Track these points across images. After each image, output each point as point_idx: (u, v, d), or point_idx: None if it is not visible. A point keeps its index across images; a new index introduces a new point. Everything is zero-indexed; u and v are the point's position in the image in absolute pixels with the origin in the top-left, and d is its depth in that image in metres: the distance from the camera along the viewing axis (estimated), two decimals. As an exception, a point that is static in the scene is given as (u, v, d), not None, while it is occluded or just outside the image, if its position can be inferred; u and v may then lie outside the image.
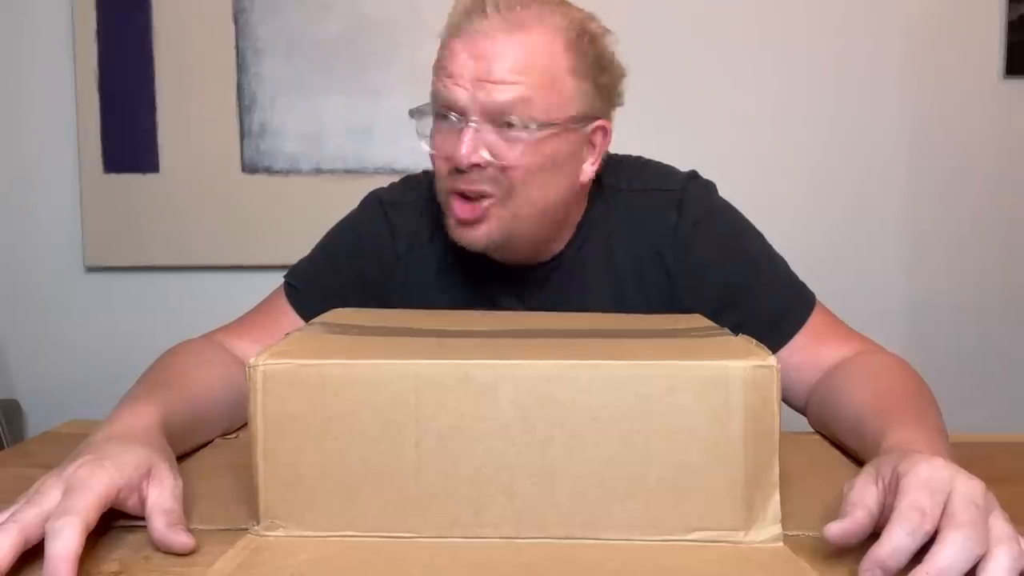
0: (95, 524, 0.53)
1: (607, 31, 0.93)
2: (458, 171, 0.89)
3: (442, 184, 0.92)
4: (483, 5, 0.87)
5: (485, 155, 0.88)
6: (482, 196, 0.90)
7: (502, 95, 0.86)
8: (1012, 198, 1.86)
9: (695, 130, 1.83)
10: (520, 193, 0.89)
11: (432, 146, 0.92)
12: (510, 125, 0.87)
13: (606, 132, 0.94)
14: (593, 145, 0.94)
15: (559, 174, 0.92)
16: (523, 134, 0.87)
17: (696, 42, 1.83)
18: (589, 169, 0.95)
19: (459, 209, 0.91)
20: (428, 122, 0.92)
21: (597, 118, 0.93)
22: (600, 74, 0.92)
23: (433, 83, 0.91)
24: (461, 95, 0.87)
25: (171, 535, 0.55)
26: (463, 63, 0.87)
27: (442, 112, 0.90)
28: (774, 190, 1.82)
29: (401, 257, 1.00)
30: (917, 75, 1.84)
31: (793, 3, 1.83)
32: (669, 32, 1.82)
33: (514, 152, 0.88)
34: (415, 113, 0.93)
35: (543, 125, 0.88)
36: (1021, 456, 0.84)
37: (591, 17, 0.92)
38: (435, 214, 1.00)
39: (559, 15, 0.89)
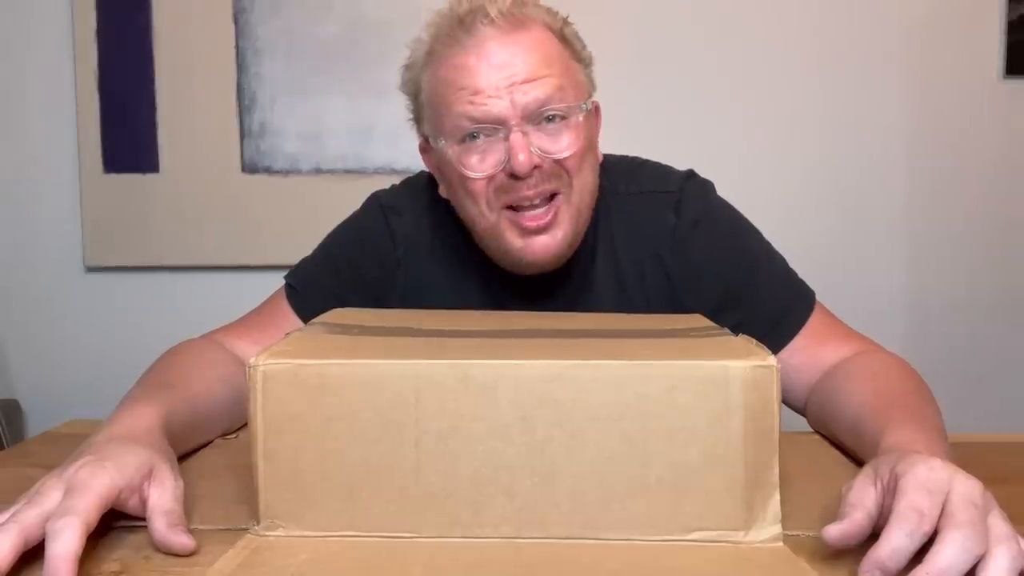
0: (96, 525, 0.53)
1: (571, 24, 0.96)
2: (513, 181, 0.87)
3: (491, 203, 0.89)
4: (483, 13, 0.86)
5: (539, 154, 0.87)
6: (551, 196, 0.89)
7: (540, 91, 0.86)
8: (1011, 198, 1.86)
9: (693, 129, 1.83)
10: (577, 182, 0.90)
11: (471, 169, 0.88)
12: (549, 119, 0.88)
13: (599, 111, 0.97)
14: (597, 125, 0.97)
15: (593, 155, 0.94)
16: (568, 122, 0.88)
17: (695, 42, 1.83)
18: (599, 149, 0.97)
19: (528, 219, 0.89)
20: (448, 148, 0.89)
21: (591, 97, 0.95)
22: (586, 57, 0.95)
23: (447, 108, 0.88)
24: (497, 105, 0.86)
25: (172, 536, 0.55)
26: (486, 74, 0.86)
27: (475, 131, 0.88)
28: (773, 189, 1.82)
29: (401, 262, 1.00)
30: (917, 75, 1.84)
31: (793, 3, 1.83)
32: (668, 32, 1.82)
33: (561, 143, 0.88)
34: (473, 136, 0.88)
35: (578, 109, 0.89)
36: (1019, 456, 0.84)
37: (552, 10, 0.94)
38: (436, 222, 1.00)
39: (541, 11, 0.91)
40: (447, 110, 0.88)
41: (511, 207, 0.89)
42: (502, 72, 0.86)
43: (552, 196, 0.89)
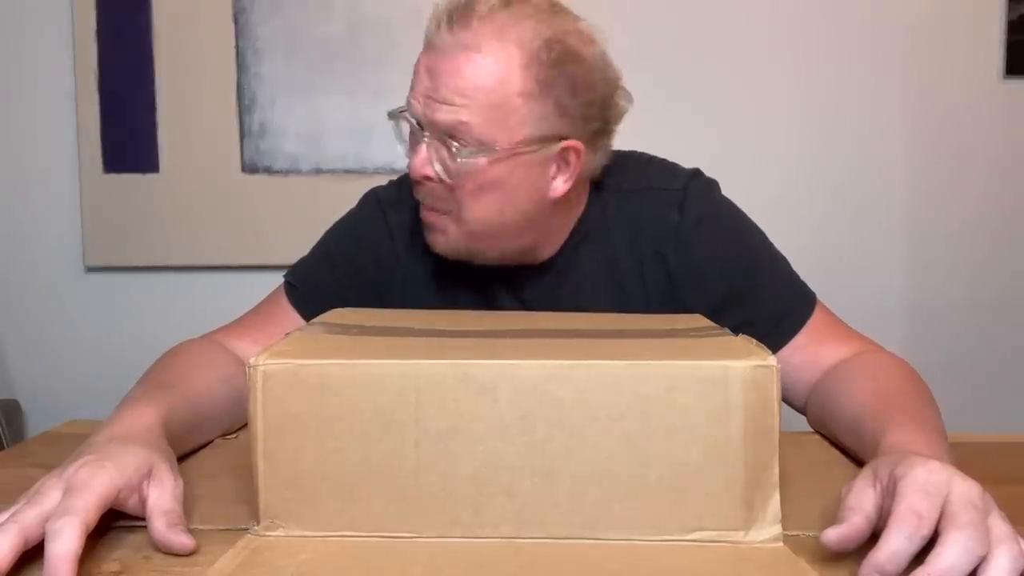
0: (95, 524, 0.53)
1: (592, 43, 0.88)
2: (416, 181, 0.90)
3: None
4: (446, 18, 0.85)
5: (437, 168, 0.87)
6: (435, 209, 0.91)
7: (443, 115, 0.85)
8: (1012, 198, 1.86)
9: (694, 129, 1.83)
10: (469, 211, 0.88)
11: (406, 152, 0.92)
12: (452, 148, 0.86)
13: (579, 153, 0.88)
14: (567, 163, 0.88)
15: (514, 195, 0.88)
16: (463, 158, 0.85)
17: (696, 42, 1.83)
18: (561, 186, 0.89)
19: (423, 212, 0.92)
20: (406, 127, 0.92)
21: (563, 138, 0.87)
22: (566, 94, 0.85)
23: None
24: (416, 108, 0.87)
25: (171, 536, 0.55)
26: (421, 77, 0.87)
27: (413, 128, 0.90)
28: (773, 189, 1.82)
29: (400, 256, 1.00)
30: (917, 75, 1.84)
31: (793, 3, 1.83)
32: (671, 33, 1.82)
33: (458, 173, 0.87)
34: (393, 115, 0.92)
35: (483, 150, 0.84)
36: (1020, 456, 0.84)
37: (574, 31, 0.87)
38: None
39: (529, 27, 0.84)
40: None
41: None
42: (429, 83, 0.86)
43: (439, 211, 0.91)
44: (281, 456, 0.56)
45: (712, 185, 1.00)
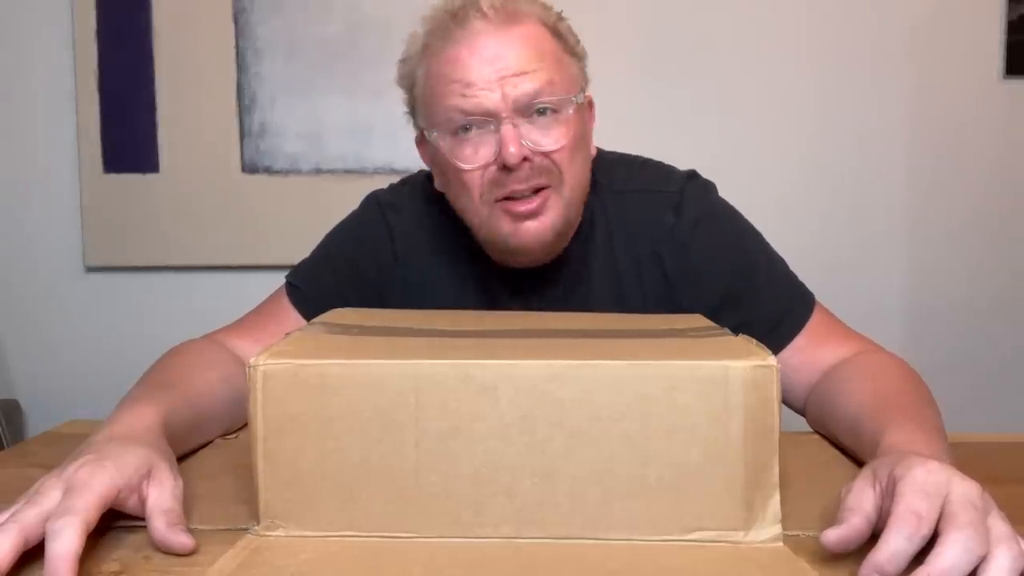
0: (95, 524, 0.53)
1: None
2: (504, 174, 0.87)
3: (484, 196, 0.90)
4: (475, 7, 0.87)
5: (530, 146, 0.88)
6: (538, 189, 0.89)
7: (531, 84, 0.87)
8: (1011, 198, 1.86)
9: (694, 129, 1.83)
10: (567, 175, 0.90)
11: (463, 161, 0.89)
12: (541, 112, 0.88)
13: (592, 105, 0.97)
14: (592, 117, 0.97)
15: (586, 149, 0.95)
16: (559, 116, 0.89)
17: (696, 42, 1.83)
18: (593, 143, 0.97)
19: (517, 205, 0.89)
20: (443, 140, 0.90)
21: (585, 91, 0.95)
22: (579, 51, 0.95)
23: (440, 101, 0.89)
24: (488, 98, 0.86)
25: (171, 535, 0.55)
26: (477, 68, 0.87)
27: (467, 124, 0.88)
28: (774, 189, 1.82)
29: (400, 258, 1.00)
30: (917, 75, 1.84)
31: (794, 3, 1.83)
32: (671, 33, 1.82)
33: (551, 136, 0.88)
34: (467, 128, 0.88)
35: (569, 102, 0.89)
36: (1020, 456, 0.84)
37: (546, 5, 0.94)
38: (434, 218, 1.00)
39: (534, 5, 0.91)
40: (440, 103, 0.89)
41: (502, 199, 0.90)
42: (493, 65, 0.86)
43: (542, 188, 0.90)
44: (281, 456, 0.56)
45: (708, 187, 1.00)
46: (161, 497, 0.58)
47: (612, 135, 1.03)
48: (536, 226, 0.90)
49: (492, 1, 0.88)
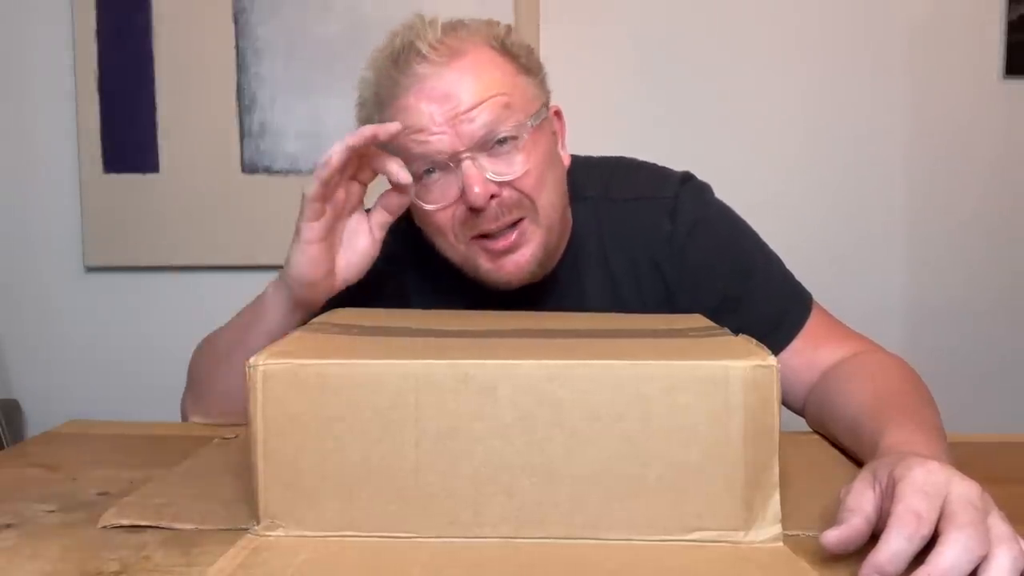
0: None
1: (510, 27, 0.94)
2: (474, 214, 0.86)
3: (458, 235, 0.89)
4: (414, 49, 0.86)
5: (495, 180, 0.86)
6: (514, 224, 0.88)
7: (486, 115, 0.85)
8: (1012, 198, 1.86)
9: (694, 129, 1.83)
10: (540, 201, 0.88)
11: (431, 203, 0.88)
12: (501, 142, 0.86)
13: (560, 114, 0.96)
14: (556, 131, 0.96)
15: (555, 167, 0.92)
16: (518, 142, 0.86)
17: (696, 43, 1.83)
18: (564, 155, 0.96)
19: (494, 243, 0.88)
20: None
21: (547, 105, 0.94)
22: (533, 65, 0.93)
23: (399, 151, 0.86)
24: (443, 141, 0.85)
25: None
26: (428, 111, 0.85)
27: (428, 168, 0.87)
28: (774, 189, 1.82)
29: (386, 275, 0.98)
30: (917, 75, 1.84)
31: (793, 3, 1.83)
32: (671, 34, 1.82)
33: (515, 165, 0.87)
34: (423, 176, 0.88)
35: (526, 126, 0.87)
36: (1020, 456, 0.84)
37: (492, 23, 0.92)
38: (419, 238, 0.97)
39: (478, 26, 0.89)
40: (399, 152, 0.87)
41: (479, 236, 0.89)
42: (443, 105, 0.85)
43: (517, 222, 0.88)
44: (281, 456, 0.56)
45: (704, 189, 1.00)
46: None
47: (611, 135, 1.03)
48: (517, 259, 0.89)
49: (430, 40, 0.86)
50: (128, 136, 1.83)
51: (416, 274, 0.99)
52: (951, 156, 1.85)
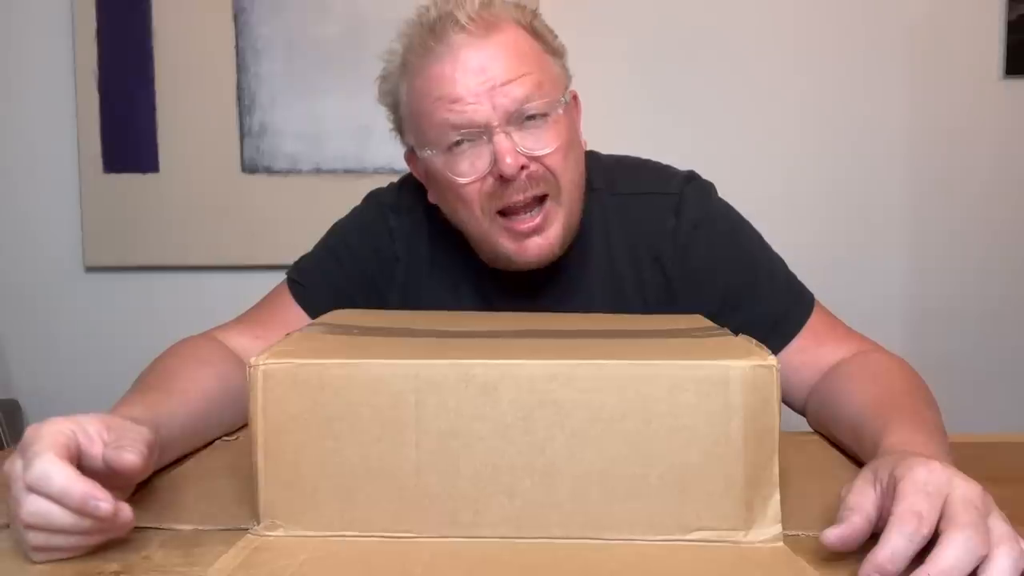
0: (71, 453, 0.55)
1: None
2: (502, 186, 0.87)
3: (484, 208, 0.89)
4: (452, 19, 0.86)
5: (525, 153, 0.87)
6: (539, 200, 0.89)
7: (519, 90, 0.86)
8: (1012, 198, 1.86)
9: (695, 129, 1.83)
10: (563, 179, 0.90)
11: (460, 175, 0.88)
12: (531, 118, 0.87)
13: (577, 99, 0.97)
14: (578, 113, 0.97)
15: (577, 147, 0.94)
16: (549, 119, 0.88)
17: (697, 42, 1.83)
18: (583, 137, 0.97)
19: (520, 224, 0.89)
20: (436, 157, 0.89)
21: (568, 87, 0.95)
22: (559, 48, 0.94)
23: (429, 119, 0.88)
24: (478, 111, 0.86)
25: (113, 454, 0.55)
26: (463, 81, 0.86)
27: (459, 139, 0.88)
28: (774, 189, 1.82)
29: (399, 258, 1.00)
30: (917, 75, 1.84)
31: (793, 3, 1.83)
32: (671, 33, 1.82)
33: (544, 141, 0.88)
34: (459, 143, 0.88)
35: (558, 103, 0.89)
36: (1020, 456, 0.84)
37: (520, 5, 0.93)
38: (431, 221, 1.00)
39: (509, 8, 0.90)
40: (429, 120, 0.88)
41: (503, 213, 0.89)
42: (479, 77, 0.86)
43: (542, 198, 0.89)
44: (281, 456, 0.56)
45: (708, 188, 1.00)
46: (121, 436, 0.57)
47: (612, 134, 1.03)
48: (540, 242, 0.90)
49: (468, 11, 0.87)
50: (128, 136, 1.83)
51: (429, 263, 1.00)
52: (951, 156, 1.85)
